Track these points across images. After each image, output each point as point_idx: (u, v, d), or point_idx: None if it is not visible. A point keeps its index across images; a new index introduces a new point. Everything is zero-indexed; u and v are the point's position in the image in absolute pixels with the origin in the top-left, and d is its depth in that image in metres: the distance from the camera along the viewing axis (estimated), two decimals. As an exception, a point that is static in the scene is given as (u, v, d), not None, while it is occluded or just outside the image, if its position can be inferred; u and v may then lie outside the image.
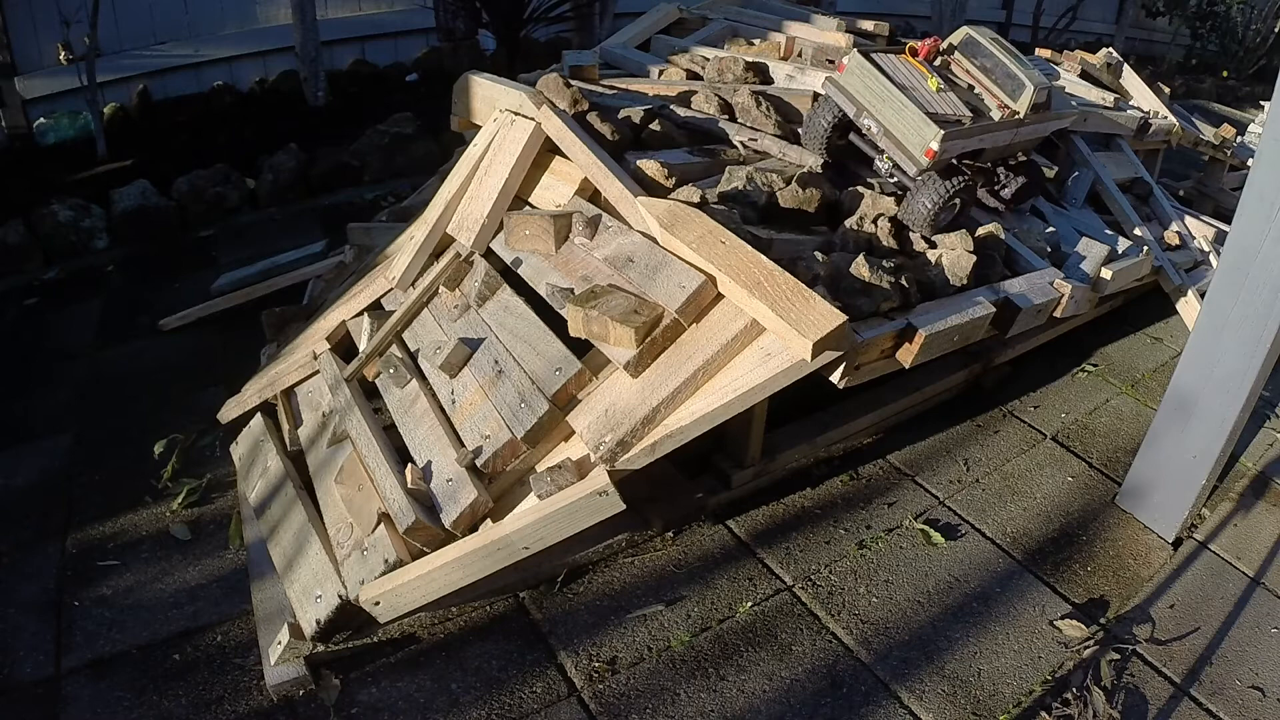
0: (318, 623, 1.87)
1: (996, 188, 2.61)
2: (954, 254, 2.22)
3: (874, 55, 2.32)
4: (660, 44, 3.61)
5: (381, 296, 2.54)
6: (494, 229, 2.37)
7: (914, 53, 2.38)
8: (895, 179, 2.41)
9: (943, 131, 2.13)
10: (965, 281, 2.18)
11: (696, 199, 2.19)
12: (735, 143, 2.63)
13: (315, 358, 2.51)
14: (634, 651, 2.02)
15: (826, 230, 2.36)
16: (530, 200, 2.45)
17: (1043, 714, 1.90)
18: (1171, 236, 3.19)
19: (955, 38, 2.43)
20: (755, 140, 2.63)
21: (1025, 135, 2.47)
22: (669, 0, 3.86)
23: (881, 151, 2.38)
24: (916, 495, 2.56)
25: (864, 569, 2.28)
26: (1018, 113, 2.33)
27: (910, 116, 2.19)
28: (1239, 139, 4.35)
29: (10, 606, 2.12)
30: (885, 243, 2.26)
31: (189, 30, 5.36)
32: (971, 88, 2.39)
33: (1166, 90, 4.12)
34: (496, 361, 2.08)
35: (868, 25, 3.61)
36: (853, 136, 2.50)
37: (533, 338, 2.07)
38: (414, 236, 2.52)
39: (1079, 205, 3.10)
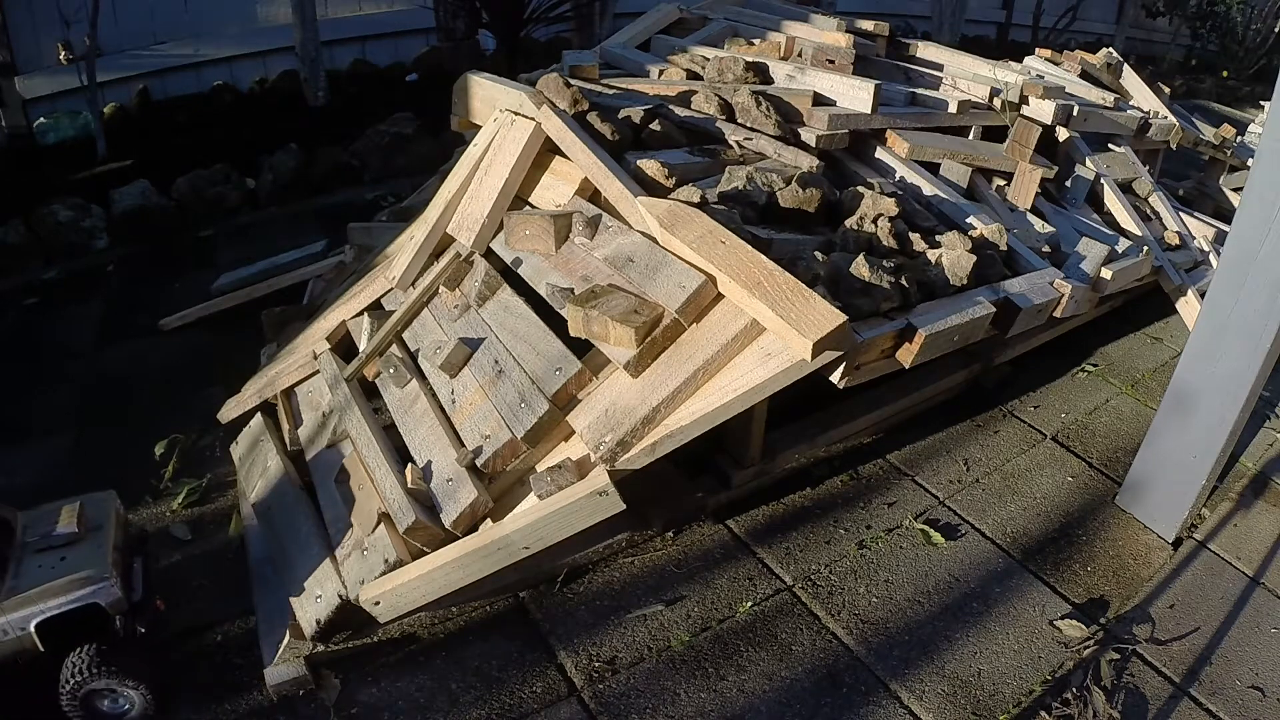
0: (318, 623, 1.87)
1: None
2: (954, 254, 2.22)
3: None
4: (660, 44, 3.60)
5: (381, 296, 2.54)
6: (494, 229, 2.37)
7: None
8: None
9: None
10: (965, 281, 2.18)
11: (696, 199, 2.19)
12: (733, 143, 2.63)
13: (315, 357, 2.51)
14: (634, 651, 2.02)
15: (826, 230, 2.35)
16: (530, 200, 2.44)
17: (1043, 714, 1.90)
18: (1171, 236, 3.19)
19: None
20: (753, 140, 2.62)
21: None
22: (669, 0, 3.85)
23: None
24: (916, 495, 2.56)
25: (864, 569, 2.28)
26: None
27: None
28: (1239, 139, 4.35)
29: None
30: (885, 243, 2.26)
31: (189, 30, 5.36)
32: None
33: (1166, 90, 4.12)
34: (496, 361, 2.08)
35: (867, 25, 3.60)
36: None
37: (533, 337, 2.07)
38: (414, 236, 2.52)
39: (1079, 205, 3.10)
